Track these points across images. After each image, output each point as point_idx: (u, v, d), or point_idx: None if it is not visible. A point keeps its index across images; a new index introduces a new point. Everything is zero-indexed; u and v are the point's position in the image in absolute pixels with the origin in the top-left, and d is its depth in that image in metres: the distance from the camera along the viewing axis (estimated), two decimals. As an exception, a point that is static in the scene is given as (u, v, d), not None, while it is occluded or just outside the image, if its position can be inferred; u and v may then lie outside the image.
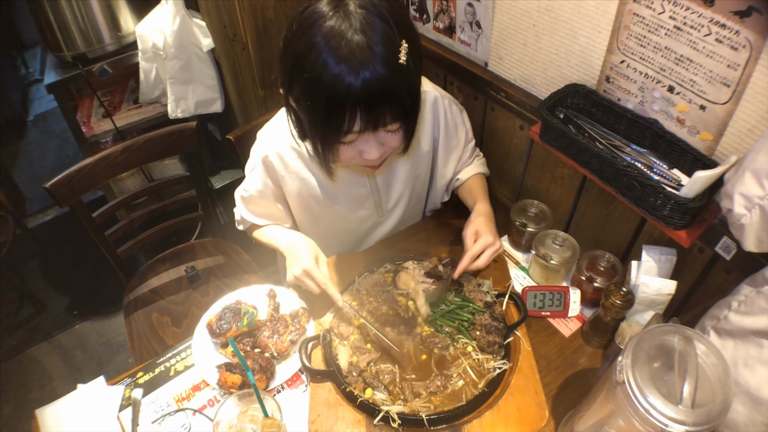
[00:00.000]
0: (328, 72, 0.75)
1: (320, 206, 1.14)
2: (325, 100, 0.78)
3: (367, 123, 0.81)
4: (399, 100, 0.81)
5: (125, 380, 1.01)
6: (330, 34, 0.76)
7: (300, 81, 0.81)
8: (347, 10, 0.77)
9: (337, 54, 0.75)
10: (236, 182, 2.61)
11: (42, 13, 1.90)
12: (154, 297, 1.59)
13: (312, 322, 1.05)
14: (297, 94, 0.84)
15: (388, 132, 0.87)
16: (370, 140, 0.87)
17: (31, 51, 4.13)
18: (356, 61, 0.75)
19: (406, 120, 0.86)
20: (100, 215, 1.48)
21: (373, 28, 0.76)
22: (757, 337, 0.73)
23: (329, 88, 0.76)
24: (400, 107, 0.83)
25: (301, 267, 0.99)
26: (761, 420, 0.73)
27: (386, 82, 0.77)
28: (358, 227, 1.23)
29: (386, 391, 0.91)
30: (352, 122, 0.80)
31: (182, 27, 1.94)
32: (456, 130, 1.18)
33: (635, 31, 0.89)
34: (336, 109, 0.79)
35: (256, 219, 1.18)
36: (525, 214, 1.20)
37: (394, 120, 0.84)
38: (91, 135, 2.23)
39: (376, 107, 0.79)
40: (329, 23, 0.76)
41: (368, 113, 0.79)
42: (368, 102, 0.78)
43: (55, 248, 2.73)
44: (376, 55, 0.75)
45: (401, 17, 0.81)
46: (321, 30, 0.77)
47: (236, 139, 1.38)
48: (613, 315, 0.95)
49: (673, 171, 0.92)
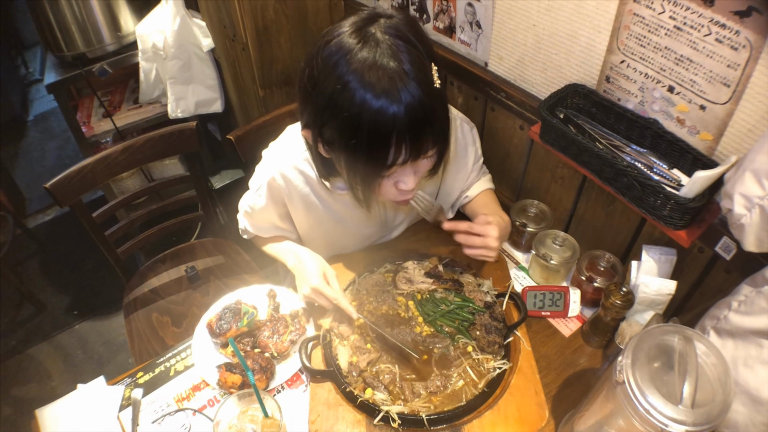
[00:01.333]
0: (368, 107, 0.72)
1: (326, 225, 1.13)
2: (368, 136, 0.75)
3: (411, 152, 0.78)
4: (439, 124, 0.79)
5: (125, 380, 1.01)
6: (363, 67, 0.72)
7: (335, 121, 0.77)
8: (376, 39, 0.74)
9: (377, 87, 0.72)
10: (236, 182, 2.65)
11: (42, 13, 1.90)
12: (154, 297, 1.59)
13: (312, 322, 1.05)
14: (330, 135, 0.80)
15: (425, 159, 0.84)
16: (407, 170, 0.84)
17: (31, 51, 4.13)
18: (397, 91, 0.72)
19: (444, 143, 0.84)
20: (100, 215, 1.48)
21: (404, 54, 0.73)
22: (757, 337, 0.73)
23: (371, 123, 0.73)
24: (441, 131, 0.81)
25: (309, 285, 0.98)
26: (761, 420, 0.73)
27: (427, 107, 0.75)
28: (363, 242, 1.23)
29: (386, 391, 0.91)
30: (397, 154, 0.77)
31: (182, 27, 1.94)
32: (466, 149, 1.16)
33: (635, 31, 0.89)
34: (380, 142, 0.75)
35: (260, 232, 1.17)
36: (525, 214, 1.20)
37: (434, 145, 0.81)
38: (91, 135, 2.23)
39: (420, 135, 0.77)
40: (360, 55, 0.73)
41: (413, 142, 0.76)
42: (412, 130, 0.75)
43: (55, 248, 2.73)
44: (413, 81, 0.73)
45: (425, 38, 0.78)
46: (351, 64, 0.73)
47: (236, 139, 1.37)
48: (613, 315, 0.95)
49: (673, 171, 0.92)
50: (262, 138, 1.16)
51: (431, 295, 1.07)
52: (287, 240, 1.18)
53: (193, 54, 2.05)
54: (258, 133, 1.39)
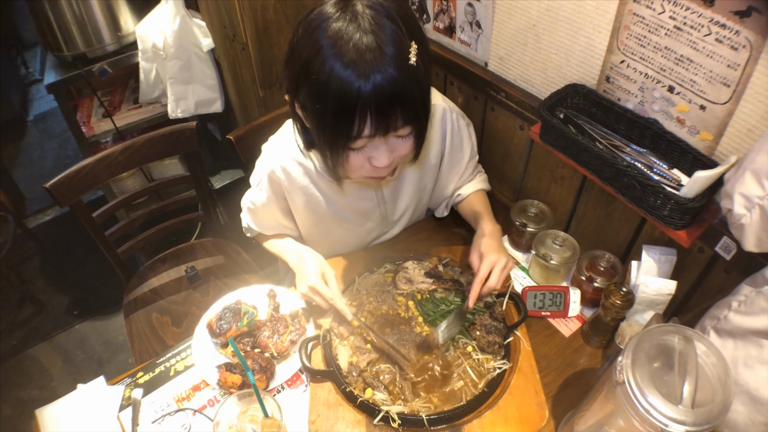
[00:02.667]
0: (335, 76, 0.73)
1: (327, 220, 1.14)
2: (333, 104, 0.76)
3: (377, 127, 0.78)
4: (410, 103, 0.79)
5: (125, 380, 1.01)
6: (336, 36, 0.73)
7: (307, 85, 0.78)
8: (354, 10, 0.75)
9: (345, 57, 0.73)
10: (236, 182, 2.65)
11: (42, 13, 1.90)
12: (154, 297, 1.59)
13: (312, 322, 1.05)
14: (303, 99, 0.81)
15: (399, 137, 0.84)
16: (380, 146, 0.84)
17: (31, 51, 4.13)
18: (366, 64, 0.72)
19: (417, 124, 0.84)
20: (100, 215, 1.48)
21: (382, 29, 0.74)
22: (757, 337, 0.73)
23: (337, 92, 0.74)
24: (412, 110, 0.81)
25: (307, 284, 0.99)
26: (761, 420, 0.73)
27: (397, 84, 0.75)
28: (364, 238, 1.23)
29: (386, 391, 0.91)
30: (362, 126, 0.77)
31: (182, 27, 1.94)
32: (461, 144, 1.16)
33: (635, 31, 0.89)
34: (345, 113, 0.76)
35: (263, 229, 1.18)
36: (525, 214, 1.20)
37: (405, 123, 0.81)
38: (91, 135, 2.23)
39: (387, 110, 0.77)
40: (336, 25, 0.74)
41: (379, 117, 0.77)
42: (379, 105, 0.75)
43: (55, 248, 2.73)
44: (386, 56, 0.73)
45: (409, 18, 0.79)
46: (327, 32, 0.74)
47: (236, 139, 1.37)
48: (613, 315, 0.95)
49: (673, 171, 0.92)
50: (262, 138, 1.16)
51: (431, 295, 1.07)
52: (289, 238, 1.19)
53: (193, 54, 2.05)
54: (258, 133, 1.39)
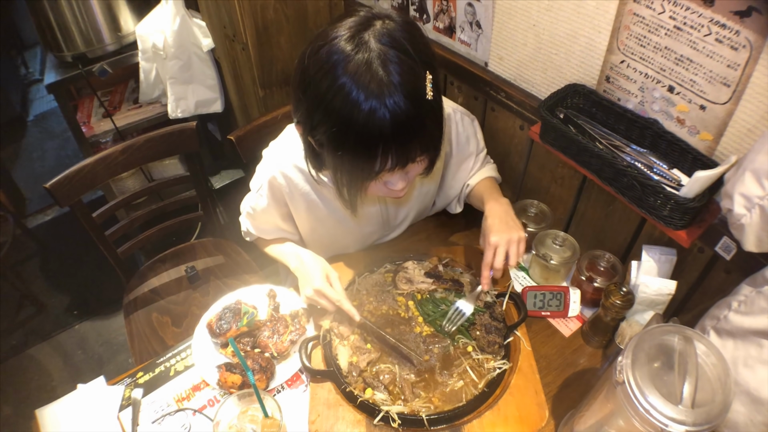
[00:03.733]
0: (359, 110, 0.72)
1: (328, 225, 1.13)
2: (355, 145, 0.76)
3: (398, 160, 0.78)
4: (428, 135, 0.80)
5: (125, 380, 1.01)
6: (355, 77, 0.72)
7: (324, 126, 0.77)
8: (369, 47, 0.73)
9: (366, 98, 0.72)
10: (236, 182, 2.65)
11: (42, 13, 1.90)
12: (154, 297, 1.59)
13: (312, 322, 1.05)
14: (322, 138, 0.80)
15: (415, 163, 0.84)
16: (396, 174, 0.85)
17: (31, 51, 4.13)
18: (385, 106, 0.72)
19: (434, 151, 0.85)
20: (100, 215, 1.48)
21: (395, 65, 0.73)
22: (757, 337, 0.73)
23: (362, 128, 0.73)
24: (430, 141, 0.81)
25: (312, 287, 0.98)
26: (761, 420, 0.73)
27: (416, 120, 0.75)
28: (364, 241, 1.23)
29: (386, 391, 0.91)
30: (383, 164, 0.78)
31: (182, 27, 1.94)
32: (468, 141, 1.16)
33: (635, 31, 0.89)
34: (367, 152, 0.76)
35: (262, 234, 1.17)
36: (525, 214, 1.20)
37: (422, 154, 0.82)
38: (91, 135, 2.23)
39: (407, 145, 0.77)
40: (353, 66, 0.72)
41: (399, 153, 0.77)
42: (400, 143, 0.76)
43: (55, 248, 2.73)
44: (405, 94, 0.73)
45: (422, 46, 0.78)
46: (346, 70, 0.72)
47: (236, 139, 1.37)
48: (613, 315, 0.95)
49: (673, 171, 0.92)
50: (262, 138, 1.16)
51: (431, 295, 1.07)
52: (289, 242, 1.18)
53: (193, 54, 2.05)
54: (258, 133, 1.39)
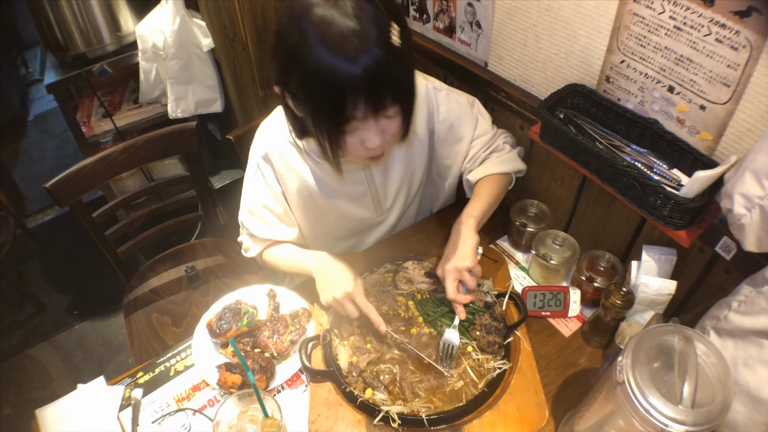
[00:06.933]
0: (323, 62, 0.75)
1: (319, 204, 1.13)
2: (324, 91, 0.79)
3: (368, 107, 0.81)
4: (398, 82, 0.82)
5: (125, 380, 1.01)
6: (321, 23, 0.75)
7: (296, 75, 0.81)
8: None
9: (331, 43, 0.75)
10: (236, 182, 2.64)
11: (42, 13, 1.90)
12: (154, 297, 1.59)
13: (312, 322, 1.05)
14: (294, 88, 0.84)
15: (388, 118, 0.87)
16: (371, 128, 0.87)
17: (31, 51, 4.13)
18: (352, 48, 0.75)
19: (405, 102, 0.87)
20: (100, 215, 1.49)
21: (364, 12, 0.76)
22: (757, 337, 0.73)
23: (327, 78, 0.76)
24: (400, 89, 0.84)
25: (344, 290, 0.96)
26: (761, 420, 0.73)
27: (384, 64, 0.77)
28: (358, 226, 1.22)
29: (386, 391, 0.91)
30: (353, 108, 0.80)
31: (182, 27, 1.94)
32: (460, 122, 1.13)
33: (635, 31, 0.89)
34: (336, 97, 0.79)
35: (265, 234, 1.13)
36: (525, 214, 1.20)
37: (394, 103, 0.84)
38: (91, 135, 2.23)
39: (377, 91, 0.80)
40: (319, 11, 0.76)
41: (369, 98, 0.80)
42: (369, 86, 0.78)
43: (55, 248, 2.73)
44: (370, 38, 0.76)
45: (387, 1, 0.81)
46: (311, 18, 0.76)
47: (236, 139, 1.37)
48: (613, 315, 0.95)
49: (673, 171, 0.92)
50: (262, 138, 1.16)
51: (431, 295, 1.07)
52: (295, 247, 1.16)
53: (193, 54, 2.05)
54: (258, 133, 1.39)
